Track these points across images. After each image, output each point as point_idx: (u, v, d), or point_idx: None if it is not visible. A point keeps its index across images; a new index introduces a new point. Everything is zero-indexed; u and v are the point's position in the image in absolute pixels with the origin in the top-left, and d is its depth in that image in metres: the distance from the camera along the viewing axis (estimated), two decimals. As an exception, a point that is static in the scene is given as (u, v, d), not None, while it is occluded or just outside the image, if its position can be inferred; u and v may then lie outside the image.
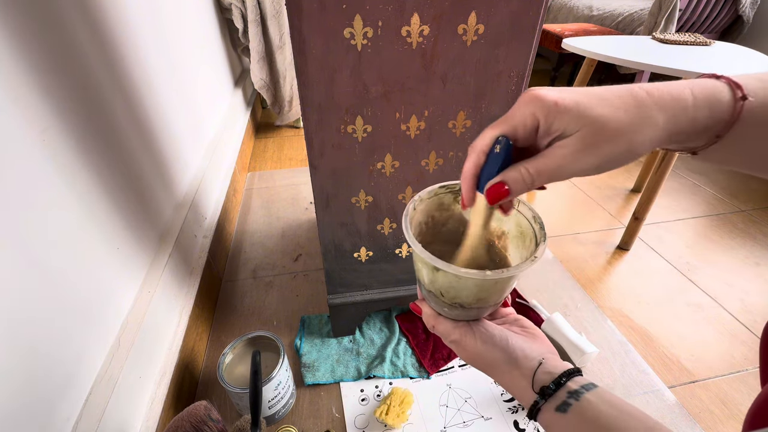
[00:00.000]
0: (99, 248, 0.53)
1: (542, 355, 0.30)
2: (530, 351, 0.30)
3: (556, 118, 0.23)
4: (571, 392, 0.27)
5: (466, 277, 0.26)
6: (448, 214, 0.35)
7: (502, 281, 0.27)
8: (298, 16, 0.44)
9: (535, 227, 0.29)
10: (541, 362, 0.29)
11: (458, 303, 0.30)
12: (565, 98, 0.23)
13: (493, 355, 0.31)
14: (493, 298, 0.29)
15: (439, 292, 0.30)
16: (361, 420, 0.66)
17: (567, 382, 0.28)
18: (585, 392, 0.27)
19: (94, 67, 0.57)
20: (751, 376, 0.74)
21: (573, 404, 0.26)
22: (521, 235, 0.31)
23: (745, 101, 0.22)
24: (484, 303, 0.30)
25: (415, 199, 0.32)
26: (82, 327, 0.48)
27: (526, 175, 0.24)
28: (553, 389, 0.28)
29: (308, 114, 0.51)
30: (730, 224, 1.15)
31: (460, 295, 0.29)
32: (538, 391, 0.28)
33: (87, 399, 0.47)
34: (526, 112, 0.24)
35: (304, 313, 0.86)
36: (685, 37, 1.12)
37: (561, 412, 0.26)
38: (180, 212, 0.83)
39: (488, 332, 0.31)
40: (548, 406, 0.27)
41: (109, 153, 0.58)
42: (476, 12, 0.46)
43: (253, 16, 1.42)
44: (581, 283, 0.94)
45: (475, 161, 0.26)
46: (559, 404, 0.27)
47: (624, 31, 1.87)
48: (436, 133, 0.56)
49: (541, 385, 0.28)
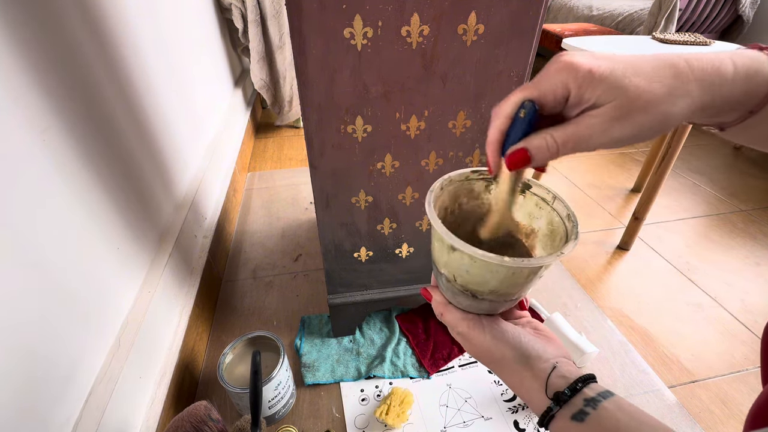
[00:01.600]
0: (99, 248, 0.53)
1: (556, 358, 0.29)
2: (544, 352, 0.29)
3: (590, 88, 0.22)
4: (587, 400, 0.25)
5: (481, 260, 0.24)
6: (477, 203, 0.32)
7: (520, 273, 0.25)
8: (298, 16, 0.44)
9: (567, 225, 0.27)
10: (555, 365, 0.28)
11: (470, 291, 0.28)
12: (600, 65, 0.22)
13: (503, 352, 0.29)
14: (508, 291, 0.27)
15: (453, 276, 0.28)
16: (361, 420, 0.66)
17: (583, 389, 0.26)
18: (602, 400, 0.25)
19: (94, 67, 0.57)
20: (752, 375, 0.74)
21: (590, 413, 0.25)
22: (551, 234, 0.29)
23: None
24: (497, 296, 0.28)
25: (445, 178, 0.30)
26: (82, 327, 0.48)
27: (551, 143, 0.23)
28: (569, 395, 0.26)
29: (308, 114, 0.51)
30: (730, 224, 1.15)
31: (474, 281, 0.27)
32: (552, 396, 0.27)
33: (87, 399, 0.47)
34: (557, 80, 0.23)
35: (304, 313, 0.86)
36: (685, 37, 1.12)
37: (577, 421, 0.25)
38: (180, 212, 0.83)
39: (499, 327, 0.30)
40: (563, 413, 0.26)
41: (109, 153, 0.58)
42: (476, 12, 0.46)
43: (253, 16, 1.42)
44: (581, 283, 0.94)
45: (500, 126, 0.25)
46: (576, 412, 0.25)
47: (624, 31, 1.87)
48: (436, 133, 0.56)
49: (555, 390, 0.27)
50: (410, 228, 0.66)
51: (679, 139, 0.92)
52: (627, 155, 1.56)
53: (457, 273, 0.27)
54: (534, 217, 0.31)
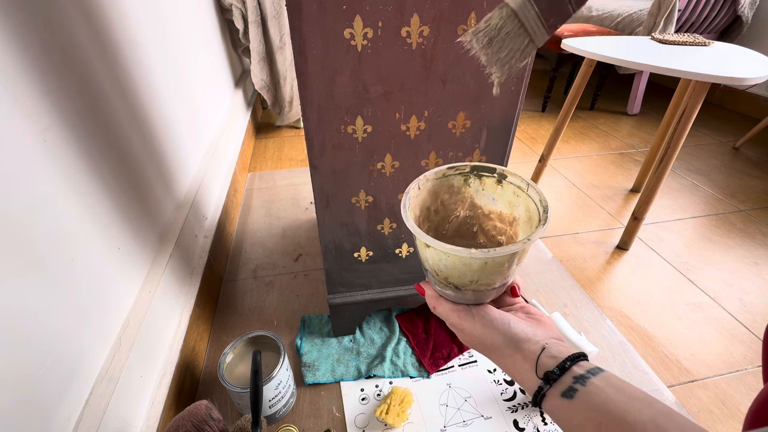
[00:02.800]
0: (100, 248, 0.54)
1: (546, 339, 0.29)
2: (533, 335, 0.30)
3: None
4: (576, 377, 0.26)
5: (453, 254, 0.26)
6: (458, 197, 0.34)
7: (494, 263, 0.26)
8: (299, 16, 0.44)
9: (540, 210, 0.29)
10: (544, 347, 0.29)
11: (452, 283, 0.29)
12: None
13: (493, 338, 0.30)
14: (488, 281, 0.29)
15: (434, 271, 0.29)
16: (361, 419, 0.66)
17: (572, 366, 0.27)
18: (591, 377, 0.26)
19: (95, 67, 0.58)
20: (751, 375, 0.74)
21: (579, 389, 0.25)
22: (529, 220, 0.30)
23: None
24: (478, 285, 0.29)
25: (420, 178, 0.31)
26: (83, 326, 0.48)
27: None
28: (558, 374, 0.27)
29: (308, 114, 0.52)
30: (729, 224, 1.15)
31: (453, 275, 0.28)
32: (542, 376, 0.27)
33: (88, 399, 0.47)
34: None
35: (305, 313, 0.86)
36: (684, 37, 1.12)
37: (567, 398, 0.26)
38: (181, 212, 0.83)
39: (488, 315, 0.31)
40: (553, 391, 0.27)
41: (109, 153, 0.59)
42: (476, 12, 0.46)
43: (254, 17, 1.42)
44: (581, 283, 0.95)
45: None
46: (565, 390, 0.26)
47: (623, 31, 1.87)
48: (436, 133, 0.56)
49: (545, 370, 0.27)
50: (410, 228, 0.66)
51: (678, 139, 0.92)
52: (627, 155, 1.56)
53: (437, 267, 0.29)
54: (513, 205, 0.32)
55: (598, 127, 1.83)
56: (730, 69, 0.85)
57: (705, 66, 0.87)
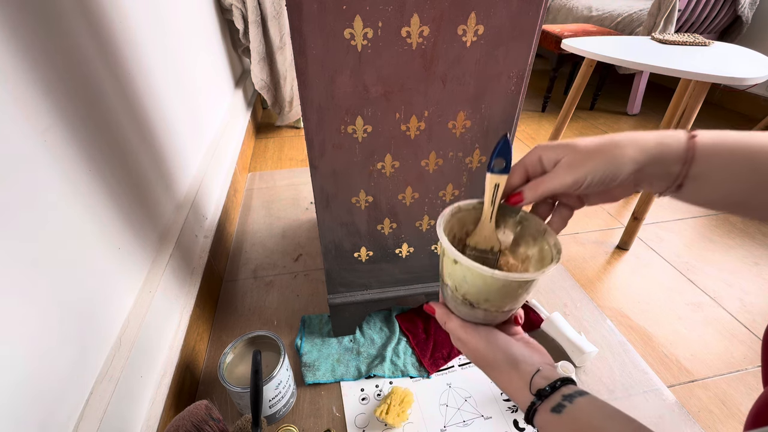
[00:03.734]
0: (100, 248, 0.54)
1: (541, 364, 0.33)
2: (530, 358, 0.33)
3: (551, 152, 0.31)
4: (565, 396, 0.29)
5: (477, 271, 0.29)
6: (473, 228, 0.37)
7: (509, 286, 0.30)
8: (299, 16, 0.44)
9: (553, 251, 0.32)
10: (539, 369, 0.32)
11: (468, 300, 0.32)
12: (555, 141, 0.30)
13: (495, 355, 0.34)
14: (500, 302, 0.32)
15: (455, 286, 0.33)
16: (361, 419, 0.66)
17: (561, 387, 0.30)
18: (578, 396, 0.29)
19: (96, 67, 0.58)
20: (750, 375, 0.74)
21: (567, 406, 0.29)
22: (542, 260, 0.34)
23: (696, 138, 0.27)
24: (490, 305, 0.32)
25: (454, 206, 0.35)
26: (83, 326, 0.48)
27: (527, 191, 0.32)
28: (549, 392, 0.30)
29: (308, 114, 0.52)
30: (729, 224, 1.15)
31: (471, 291, 0.31)
32: (534, 393, 0.31)
33: (88, 398, 0.47)
34: (533, 155, 0.32)
35: (305, 313, 0.86)
36: (684, 37, 1.12)
37: (556, 413, 0.29)
38: (181, 212, 0.83)
39: (493, 334, 0.35)
40: (544, 407, 0.30)
41: (110, 153, 0.59)
42: (476, 12, 0.46)
43: (254, 17, 1.42)
44: (581, 283, 0.95)
45: None
46: (555, 406, 0.29)
47: (623, 31, 1.87)
48: (436, 133, 0.56)
49: (538, 388, 0.31)
50: (410, 228, 0.67)
51: (678, 139, 0.92)
52: (626, 155, 1.56)
53: (458, 283, 0.32)
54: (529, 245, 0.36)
55: (598, 128, 1.83)
56: (730, 69, 0.85)
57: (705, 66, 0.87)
